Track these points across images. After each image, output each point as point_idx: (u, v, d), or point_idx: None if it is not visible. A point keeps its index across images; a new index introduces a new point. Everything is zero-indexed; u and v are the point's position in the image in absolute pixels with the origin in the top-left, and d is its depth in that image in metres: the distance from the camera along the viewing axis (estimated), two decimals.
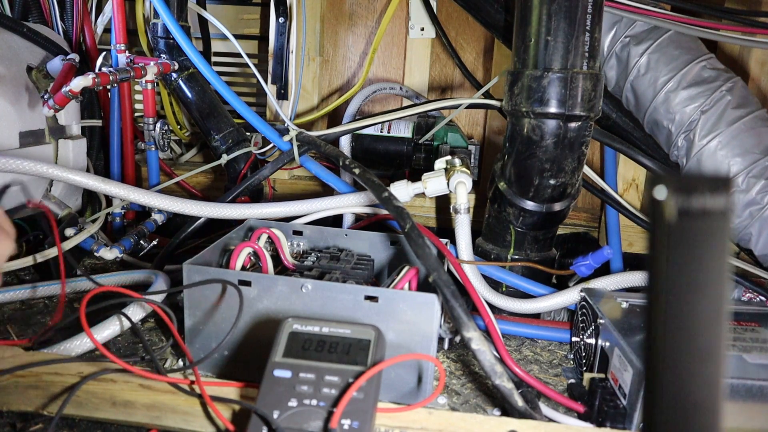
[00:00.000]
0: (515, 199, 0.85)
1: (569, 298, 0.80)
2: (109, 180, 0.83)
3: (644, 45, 0.92)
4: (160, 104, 1.26)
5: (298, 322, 0.56)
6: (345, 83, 1.38)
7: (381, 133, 1.15)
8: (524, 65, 0.80)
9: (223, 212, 0.86)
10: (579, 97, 0.77)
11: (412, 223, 0.67)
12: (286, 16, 1.24)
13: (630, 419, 0.58)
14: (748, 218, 0.90)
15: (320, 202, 0.89)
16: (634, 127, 1.01)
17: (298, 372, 0.51)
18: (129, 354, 0.70)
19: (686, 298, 0.25)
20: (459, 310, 0.58)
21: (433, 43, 1.32)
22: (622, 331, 0.63)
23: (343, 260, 0.75)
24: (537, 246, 0.89)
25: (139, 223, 1.05)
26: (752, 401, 0.55)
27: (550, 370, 0.74)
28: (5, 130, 0.88)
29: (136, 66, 1.02)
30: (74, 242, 0.89)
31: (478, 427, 0.54)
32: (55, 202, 0.99)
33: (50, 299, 0.85)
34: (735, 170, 0.89)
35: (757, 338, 0.64)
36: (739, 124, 0.88)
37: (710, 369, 0.26)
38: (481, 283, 0.83)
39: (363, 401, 0.49)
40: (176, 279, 0.83)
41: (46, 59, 0.97)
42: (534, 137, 0.80)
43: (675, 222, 0.24)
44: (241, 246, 0.69)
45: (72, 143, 1.01)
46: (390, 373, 0.62)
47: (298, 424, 0.47)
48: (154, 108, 1.14)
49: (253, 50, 1.41)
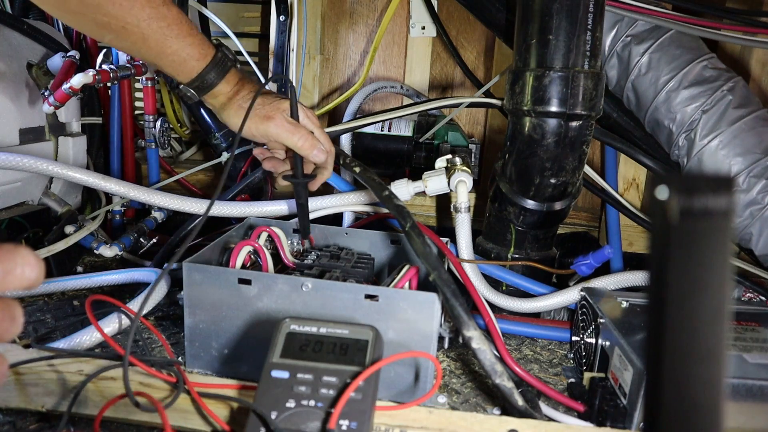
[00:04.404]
0: (516, 198, 0.85)
1: (569, 297, 0.80)
2: (109, 177, 0.83)
3: (645, 44, 0.92)
4: (160, 102, 1.26)
5: (295, 322, 0.56)
6: (345, 82, 1.38)
7: (381, 131, 1.15)
8: (525, 64, 0.80)
9: (223, 210, 0.86)
10: (580, 96, 0.76)
11: (413, 222, 0.66)
12: (287, 14, 1.24)
13: (630, 419, 0.58)
14: (749, 218, 0.90)
15: (320, 201, 0.89)
16: (634, 126, 1.01)
17: (295, 373, 0.51)
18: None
19: (687, 298, 0.25)
20: (459, 309, 0.58)
21: (433, 42, 1.31)
22: (622, 330, 0.63)
23: (343, 259, 0.75)
24: (537, 245, 0.89)
25: (138, 221, 1.05)
26: (752, 401, 0.55)
27: (550, 369, 0.74)
28: (5, 127, 0.88)
29: (136, 63, 1.02)
30: (74, 240, 0.89)
31: (478, 426, 0.54)
32: (55, 200, 0.99)
33: (50, 296, 0.85)
34: (736, 170, 0.89)
35: (757, 338, 0.64)
36: (740, 123, 0.88)
37: (711, 369, 0.26)
38: (482, 282, 0.83)
39: (361, 401, 0.48)
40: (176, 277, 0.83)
41: (46, 56, 0.97)
42: (535, 136, 0.79)
43: (676, 222, 0.24)
44: (241, 244, 0.69)
45: (72, 140, 1.01)
46: (390, 371, 0.62)
47: (296, 425, 0.47)
48: (155, 105, 1.14)
49: (254, 48, 1.41)
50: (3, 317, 0.31)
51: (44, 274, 0.32)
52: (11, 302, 0.32)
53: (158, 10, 0.66)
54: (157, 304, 0.75)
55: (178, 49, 0.69)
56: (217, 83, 0.73)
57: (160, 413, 0.51)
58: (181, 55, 0.69)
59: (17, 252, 0.31)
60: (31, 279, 0.31)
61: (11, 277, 0.31)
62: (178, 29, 0.68)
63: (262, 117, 0.73)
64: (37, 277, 0.32)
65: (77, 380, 0.57)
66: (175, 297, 0.78)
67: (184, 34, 0.68)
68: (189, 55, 0.70)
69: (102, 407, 0.53)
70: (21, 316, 0.32)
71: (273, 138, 0.74)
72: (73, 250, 0.93)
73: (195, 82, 0.72)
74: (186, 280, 0.64)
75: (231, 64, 0.74)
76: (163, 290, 0.77)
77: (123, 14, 0.64)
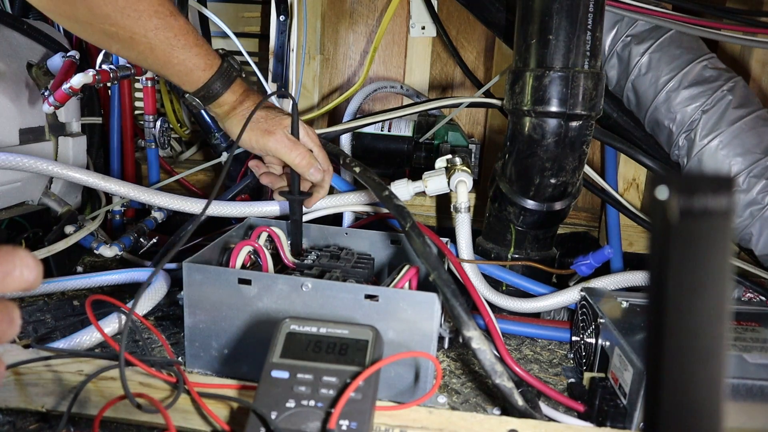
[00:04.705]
0: (516, 198, 0.85)
1: (569, 297, 0.80)
2: (109, 177, 0.83)
3: (645, 44, 0.92)
4: (160, 102, 1.26)
5: (295, 322, 0.56)
6: (345, 82, 1.38)
7: (381, 131, 1.15)
8: (525, 64, 0.80)
9: (223, 210, 0.86)
10: (580, 96, 0.76)
11: (413, 222, 0.66)
12: (286, 14, 1.24)
13: (630, 419, 0.58)
14: (749, 218, 0.90)
15: (321, 201, 0.89)
16: (634, 126, 1.01)
17: (295, 373, 0.51)
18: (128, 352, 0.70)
19: (687, 298, 0.25)
20: (459, 309, 0.58)
21: (433, 42, 1.31)
22: (622, 330, 0.63)
23: (343, 259, 0.75)
24: (537, 245, 0.89)
25: (138, 221, 1.05)
26: (752, 401, 0.55)
27: (550, 369, 0.74)
28: (5, 127, 0.88)
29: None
30: (74, 239, 0.89)
31: (478, 426, 0.54)
32: (55, 200, 0.99)
33: (50, 296, 0.85)
34: (736, 170, 0.89)
35: (757, 338, 0.64)
36: (740, 123, 0.88)
37: (711, 369, 0.26)
38: (482, 282, 0.83)
39: (361, 401, 0.48)
40: (176, 277, 0.83)
41: (46, 56, 0.97)
42: (535, 136, 0.79)
43: (676, 222, 0.24)
44: (241, 244, 0.69)
45: (72, 140, 1.01)
46: (390, 371, 0.62)
47: (296, 425, 0.47)
48: (155, 105, 1.13)
49: (254, 48, 1.40)
50: (1, 319, 0.31)
51: (42, 276, 0.32)
52: (10, 304, 0.32)
53: (166, 20, 0.66)
54: (157, 304, 0.75)
55: (184, 60, 0.69)
56: (222, 93, 0.73)
57: (163, 414, 0.51)
58: (188, 65, 0.70)
59: (16, 254, 0.31)
60: (29, 281, 0.31)
61: (10, 278, 0.31)
62: (185, 40, 0.68)
63: (263, 131, 0.74)
64: (36, 278, 0.32)
65: (77, 380, 0.57)
66: (175, 297, 0.78)
67: (191, 44, 0.69)
68: (195, 66, 0.70)
69: (102, 407, 0.53)
70: (19, 318, 0.32)
71: (272, 153, 0.75)
72: (73, 250, 0.92)
73: (200, 91, 0.73)
74: (186, 280, 0.64)
75: (236, 74, 0.75)
76: (163, 290, 0.77)
77: (131, 24, 0.64)
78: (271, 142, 0.74)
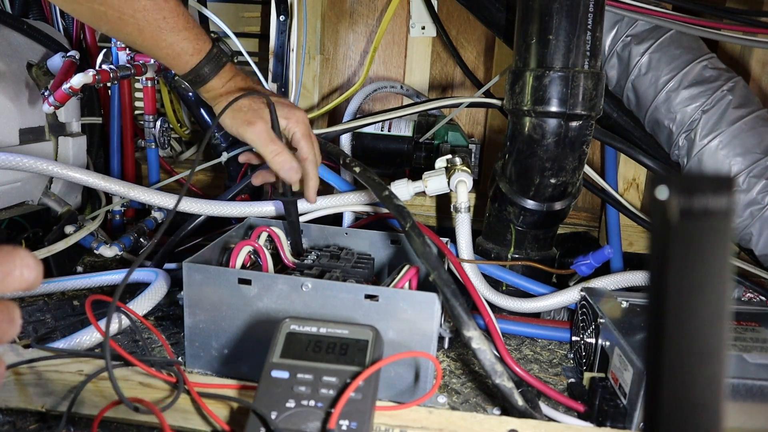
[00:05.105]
0: (516, 198, 0.85)
1: (569, 297, 0.80)
2: (109, 177, 0.83)
3: (645, 44, 0.92)
4: (160, 102, 1.26)
5: (295, 322, 0.56)
6: (345, 82, 1.38)
7: (381, 131, 1.15)
8: (525, 64, 0.80)
9: (223, 210, 0.86)
10: (580, 96, 0.76)
11: (413, 222, 0.66)
12: (286, 14, 1.24)
13: (630, 419, 0.58)
14: (749, 218, 0.90)
15: (320, 201, 0.89)
16: (634, 126, 1.01)
17: (295, 373, 0.51)
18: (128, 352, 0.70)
19: (687, 298, 0.25)
20: (459, 309, 0.58)
21: (433, 42, 1.31)
22: (622, 330, 0.63)
23: (343, 259, 0.75)
24: (537, 245, 0.89)
25: (138, 221, 1.05)
26: (752, 401, 0.55)
27: (550, 369, 0.74)
28: (5, 127, 0.88)
29: (136, 63, 1.02)
30: (74, 240, 0.89)
31: (478, 426, 0.54)
32: (55, 200, 0.99)
33: (50, 296, 0.85)
34: (736, 170, 0.89)
35: (757, 338, 0.64)
36: (740, 123, 0.88)
37: (711, 369, 0.26)
38: (482, 282, 0.83)
39: (361, 401, 0.48)
40: (176, 277, 0.83)
41: (46, 56, 0.97)
42: (535, 136, 0.79)
43: (676, 222, 0.24)
44: (241, 244, 0.69)
45: (72, 140, 1.01)
46: (390, 371, 0.62)
47: (296, 425, 0.47)
48: (155, 105, 1.13)
49: (254, 48, 1.40)
50: (2, 319, 0.31)
51: (42, 276, 0.32)
52: (10, 304, 0.32)
53: (155, 1, 0.66)
54: (157, 304, 0.75)
55: (172, 43, 0.69)
56: (210, 78, 0.73)
57: (158, 417, 0.51)
58: (175, 49, 0.69)
59: (16, 254, 0.31)
60: (29, 281, 0.31)
61: (10, 278, 0.31)
62: (174, 22, 0.68)
63: (243, 121, 0.73)
64: (36, 278, 0.32)
65: (77, 380, 0.57)
66: (175, 297, 0.78)
67: (180, 27, 0.68)
68: (183, 50, 0.70)
69: (102, 408, 0.53)
70: (19, 318, 0.32)
71: (249, 143, 0.74)
72: (73, 250, 0.92)
73: (189, 75, 0.73)
74: (186, 280, 0.64)
75: (226, 59, 0.74)
76: (163, 290, 0.77)
77: (120, 4, 0.64)
78: (248, 133, 0.73)
